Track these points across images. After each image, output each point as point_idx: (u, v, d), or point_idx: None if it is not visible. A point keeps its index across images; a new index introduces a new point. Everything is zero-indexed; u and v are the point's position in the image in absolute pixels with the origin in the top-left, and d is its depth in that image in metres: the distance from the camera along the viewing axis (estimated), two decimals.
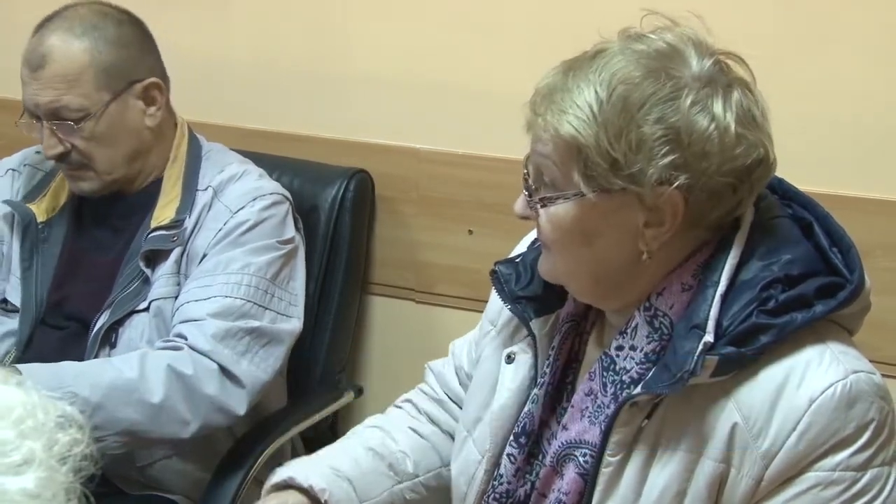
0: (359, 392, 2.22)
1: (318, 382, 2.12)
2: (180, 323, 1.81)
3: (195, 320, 1.79)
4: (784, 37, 1.90)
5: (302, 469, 1.43)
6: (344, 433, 2.30)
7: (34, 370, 1.67)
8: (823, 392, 1.15)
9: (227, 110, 2.35)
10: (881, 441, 1.18)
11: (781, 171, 1.34)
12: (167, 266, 1.85)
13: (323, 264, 2.13)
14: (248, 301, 1.82)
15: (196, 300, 1.81)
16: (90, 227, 1.97)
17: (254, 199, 1.88)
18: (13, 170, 2.04)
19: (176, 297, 1.84)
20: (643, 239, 1.20)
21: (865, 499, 1.17)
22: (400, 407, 1.62)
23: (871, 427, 1.17)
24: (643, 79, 1.17)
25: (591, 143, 1.16)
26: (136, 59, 1.88)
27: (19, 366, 1.69)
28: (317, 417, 2.09)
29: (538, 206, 1.23)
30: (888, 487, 1.19)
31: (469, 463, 1.40)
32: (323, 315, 2.14)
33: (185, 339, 1.78)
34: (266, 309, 1.85)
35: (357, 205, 2.17)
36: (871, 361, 1.23)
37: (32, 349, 1.91)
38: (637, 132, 1.16)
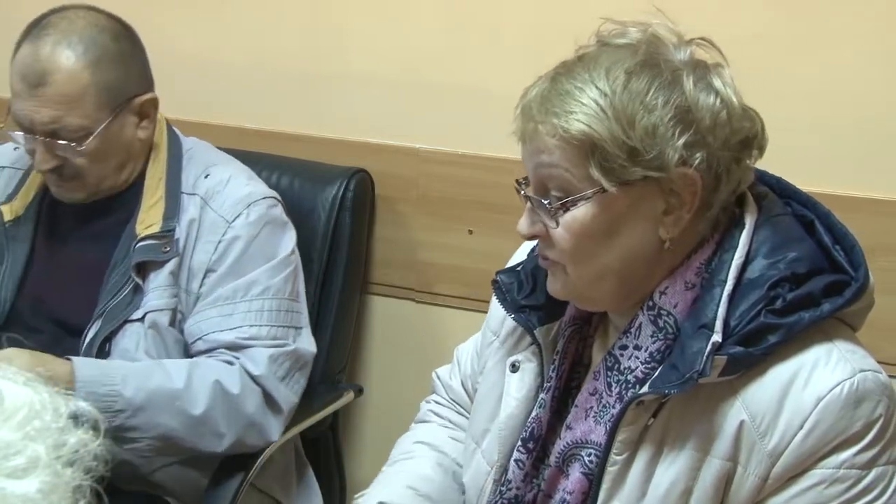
0: (359, 392, 2.22)
1: (318, 382, 2.12)
2: (217, 349, 1.81)
3: (233, 346, 1.80)
4: (784, 37, 1.90)
5: (384, 492, 1.44)
6: (344, 433, 2.32)
7: (84, 363, 1.71)
8: (831, 391, 1.16)
9: (227, 110, 2.34)
10: (886, 440, 1.19)
11: (783, 171, 1.34)
12: (162, 278, 1.82)
13: (323, 264, 2.13)
14: (273, 325, 1.84)
15: (221, 330, 1.81)
16: (68, 224, 1.92)
17: (248, 207, 1.86)
18: None
19: (173, 310, 1.82)
20: (664, 226, 1.21)
21: (868, 497, 1.18)
22: (427, 420, 1.62)
23: (878, 425, 1.17)
24: (641, 67, 1.18)
25: (606, 135, 1.16)
26: (133, 75, 1.84)
27: (73, 358, 1.71)
28: (317, 417, 2.09)
29: (560, 213, 1.21)
30: (892, 487, 1.19)
31: (479, 475, 1.40)
32: (323, 315, 2.13)
33: (237, 359, 1.81)
34: (289, 328, 1.87)
35: (357, 205, 2.16)
36: None
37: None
38: (649, 117, 1.16)
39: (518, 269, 1.39)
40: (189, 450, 1.80)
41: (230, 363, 1.80)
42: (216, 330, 1.81)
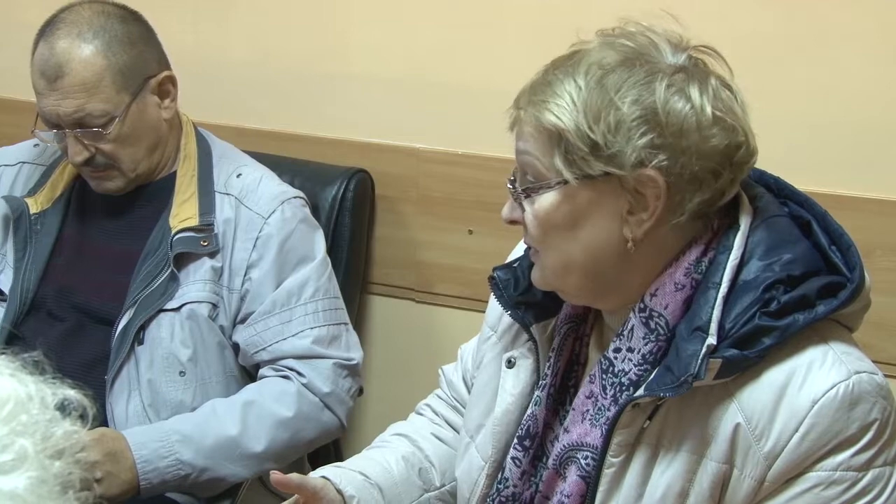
0: (359, 392, 2.22)
1: None
2: (285, 358, 1.87)
3: (300, 356, 1.87)
4: (784, 37, 1.90)
5: (334, 473, 1.44)
6: (344, 433, 2.31)
7: (136, 436, 1.75)
8: (826, 393, 1.16)
9: (227, 110, 2.35)
10: (883, 441, 1.18)
11: (782, 172, 1.34)
12: (203, 272, 1.86)
13: None
14: (330, 324, 1.91)
15: (284, 338, 1.87)
16: (97, 216, 1.97)
17: (282, 204, 1.91)
18: (7, 165, 2.04)
19: (213, 305, 1.86)
20: (628, 226, 1.21)
21: (866, 499, 1.18)
22: (421, 413, 1.63)
23: (874, 427, 1.17)
24: (619, 64, 1.19)
25: (571, 127, 1.18)
26: (146, 55, 1.88)
27: (125, 433, 1.75)
28: None
29: (522, 198, 1.24)
30: (889, 488, 1.19)
31: (472, 469, 1.40)
32: None
33: (303, 375, 1.86)
34: (341, 325, 1.94)
35: (357, 205, 2.17)
36: (872, 362, 1.22)
37: (27, 341, 1.89)
38: (615, 113, 1.17)
39: (515, 265, 1.40)
40: (252, 479, 1.86)
41: (286, 378, 1.86)
42: (278, 339, 1.87)
